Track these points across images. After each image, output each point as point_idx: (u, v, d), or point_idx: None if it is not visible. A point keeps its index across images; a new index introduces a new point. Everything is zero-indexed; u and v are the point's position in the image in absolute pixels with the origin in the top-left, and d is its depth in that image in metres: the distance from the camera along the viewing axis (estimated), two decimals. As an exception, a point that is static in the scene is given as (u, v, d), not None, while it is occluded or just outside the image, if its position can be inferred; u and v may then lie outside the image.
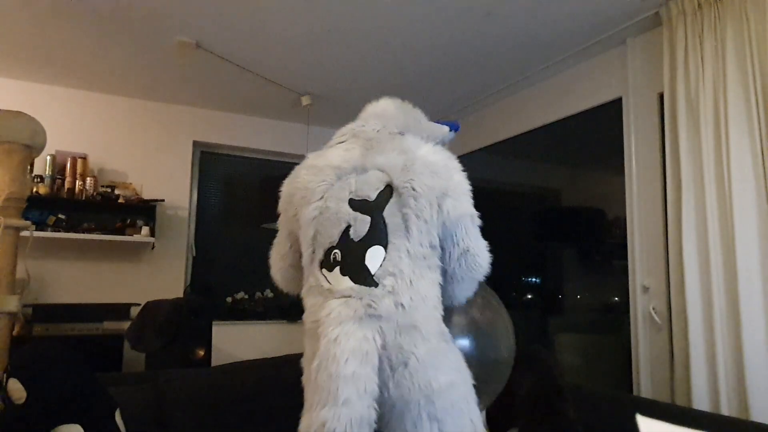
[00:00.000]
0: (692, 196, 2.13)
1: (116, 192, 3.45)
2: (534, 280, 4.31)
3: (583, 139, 3.50)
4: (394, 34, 2.73)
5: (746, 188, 1.97)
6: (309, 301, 1.32)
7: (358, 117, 1.51)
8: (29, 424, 1.58)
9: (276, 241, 1.55)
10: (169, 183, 3.80)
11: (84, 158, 3.41)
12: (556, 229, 3.98)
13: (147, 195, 3.63)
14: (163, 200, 3.66)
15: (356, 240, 1.27)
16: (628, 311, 2.57)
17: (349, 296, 1.22)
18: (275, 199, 3.59)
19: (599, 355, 3.45)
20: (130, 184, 3.62)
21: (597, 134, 3.28)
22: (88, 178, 3.37)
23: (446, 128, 1.59)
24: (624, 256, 2.61)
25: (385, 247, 1.26)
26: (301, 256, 1.39)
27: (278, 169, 4.32)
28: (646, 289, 2.47)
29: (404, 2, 2.41)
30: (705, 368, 2.02)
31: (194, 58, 3.05)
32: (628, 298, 2.58)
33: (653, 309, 2.42)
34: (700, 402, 2.00)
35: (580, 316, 3.92)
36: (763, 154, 1.95)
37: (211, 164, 4.17)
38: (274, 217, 3.70)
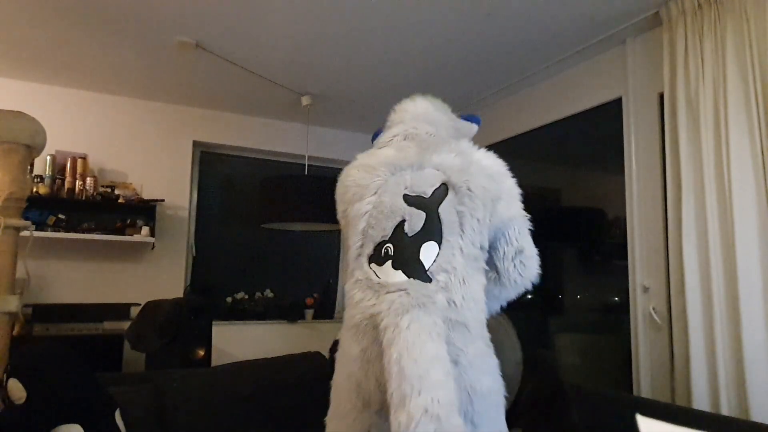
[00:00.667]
0: (692, 196, 2.13)
1: (116, 192, 3.45)
2: (534, 280, 4.30)
3: (583, 139, 3.49)
4: (394, 35, 2.73)
5: (746, 188, 1.97)
6: (356, 296, 1.30)
7: (398, 117, 1.52)
8: (29, 424, 1.58)
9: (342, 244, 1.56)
10: (169, 183, 3.79)
11: (84, 158, 3.41)
12: (556, 229, 3.98)
13: (147, 195, 3.62)
14: (163, 200, 3.66)
15: (410, 235, 1.28)
16: (628, 311, 2.57)
17: (405, 289, 1.22)
18: (275, 199, 3.59)
19: (599, 355, 3.45)
20: (130, 184, 3.62)
21: (597, 134, 3.28)
22: (88, 178, 3.37)
23: (475, 127, 1.63)
24: (624, 256, 2.61)
25: (440, 244, 1.26)
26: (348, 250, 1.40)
27: (278, 169, 4.33)
28: (646, 289, 2.47)
29: (404, 2, 2.41)
30: (705, 368, 2.02)
31: (194, 58, 3.05)
32: (628, 298, 2.58)
33: (653, 309, 2.42)
34: (700, 402, 2.00)
35: (580, 316, 3.92)
36: (763, 154, 1.95)
37: (211, 164, 4.17)
38: (274, 217, 3.69)
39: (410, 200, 1.31)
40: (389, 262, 1.27)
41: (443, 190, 1.31)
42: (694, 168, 2.15)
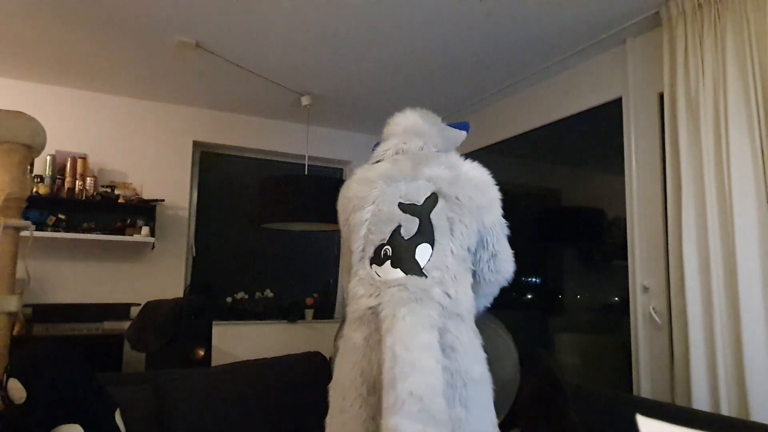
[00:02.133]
0: (692, 196, 2.13)
1: (116, 192, 3.45)
2: (534, 280, 4.31)
3: (583, 139, 3.50)
4: (395, 35, 2.73)
5: (746, 188, 1.97)
6: (359, 291, 1.45)
7: (391, 130, 1.68)
8: (29, 424, 1.58)
9: (342, 247, 1.73)
10: (169, 183, 3.80)
11: (84, 158, 3.41)
12: (557, 229, 3.98)
13: (147, 195, 3.62)
14: (163, 200, 3.66)
15: (406, 238, 1.43)
16: (628, 311, 2.57)
17: (404, 284, 1.36)
18: (275, 199, 3.60)
19: (599, 355, 3.45)
20: (130, 184, 3.62)
21: (597, 134, 3.29)
22: (88, 178, 3.37)
23: (464, 134, 1.76)
24: (624, 256, 2.61)
25: (432, 246, 1.42)
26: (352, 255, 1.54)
27: (278, 169, 4.34)
28: (646, 289, 2.47)
29: (404, 3, 2.41)
30: (705, 368, 2.02)
31: (194, 58, 3.05)
32: (628, 298, 2.58)
33: (653, 309, 2.42)
34: (700, 402, 2.00)
35: (580, 316, 3.93)
36: (763, 154, 1.95)
37: (211, 164, 4.17)
38: (274, 217, 3.70)
39: (404, 208, 1.47)
40: (388, 262, 1.42)
41: (434, 198, 1.47)
42: (694, 168, 2.15)
